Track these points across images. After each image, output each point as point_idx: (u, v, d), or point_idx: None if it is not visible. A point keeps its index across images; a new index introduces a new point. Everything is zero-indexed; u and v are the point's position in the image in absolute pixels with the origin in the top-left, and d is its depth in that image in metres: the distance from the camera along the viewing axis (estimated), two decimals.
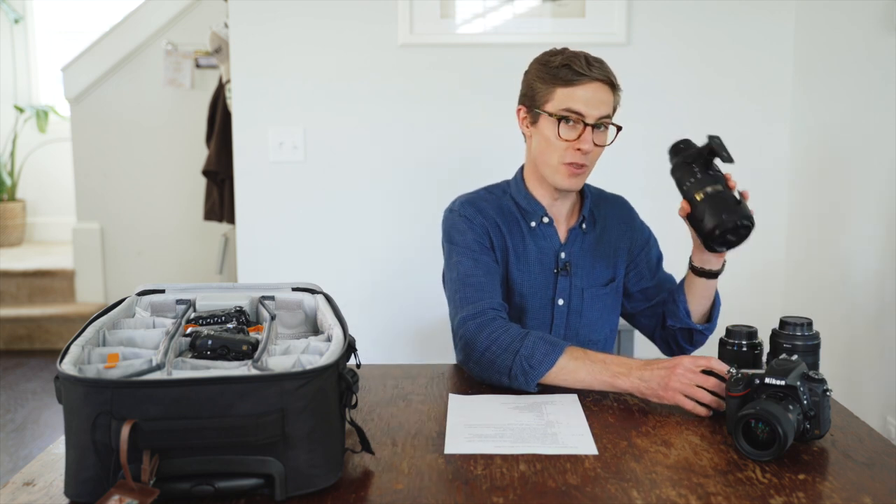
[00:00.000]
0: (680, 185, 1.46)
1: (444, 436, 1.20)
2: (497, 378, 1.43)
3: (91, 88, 4.46)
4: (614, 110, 1.60)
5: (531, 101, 1.60)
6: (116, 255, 4.61)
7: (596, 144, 1.55)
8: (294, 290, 1.38)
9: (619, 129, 1.58)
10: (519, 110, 1.64)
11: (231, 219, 3.43)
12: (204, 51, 4.29)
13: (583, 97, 1.53)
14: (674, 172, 1.48)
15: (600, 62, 1.56)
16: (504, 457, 1.13)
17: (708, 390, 1.30)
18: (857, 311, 2.21)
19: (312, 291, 1.37)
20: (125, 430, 0.90)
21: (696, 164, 1.44)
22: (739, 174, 2.61)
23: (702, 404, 1.30)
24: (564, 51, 1.58)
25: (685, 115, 2.62)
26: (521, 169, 1.69)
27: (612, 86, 1.56)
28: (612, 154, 2.66)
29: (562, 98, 1.54)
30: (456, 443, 1.17)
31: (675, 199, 1.55)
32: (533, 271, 1.64)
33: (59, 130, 5.48)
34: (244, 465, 0.96)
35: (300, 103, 2.61)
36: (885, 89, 2.10)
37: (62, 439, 1.05)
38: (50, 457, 1.12)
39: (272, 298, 1.36)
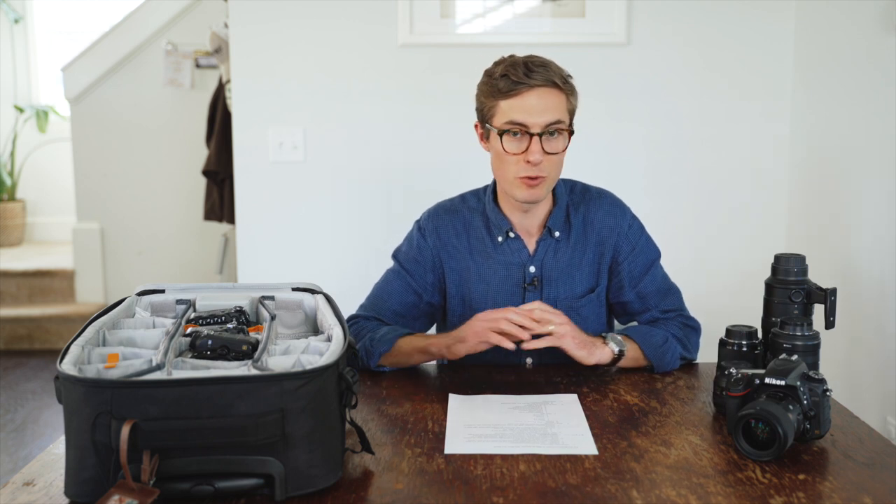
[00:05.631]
0: (768, 307, 1.45)
1: (444, 436, 1.20)
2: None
3: (91, 88, 4.46)
4: (571, 113, 1.52)
5: (482, 117, 1.56)
6: (116, 255, 4.61)
7: (547, 153, 1.47)
8: (294, 290, 1.38)
9: (571, 133, 1.51)
10: (476, 126, 1.60)
11: (231, 219, 3.43)
12: (204, 51, 4.29)
13: (524, 107, 1.46)
14: (770, 288, 1.45)
15: (544, 65, 1.48)
16: (504, 457, 1.13)
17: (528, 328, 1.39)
18: (857, 310, 2.21)
19: (312, 291, 1.37)
20: (125, 430, 0.90)
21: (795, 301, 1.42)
22: (740, 174, 2.65)
23: (518, 347, 1.40)
24: (507, 59, 1.52)
25: (685, 115, 2.62)
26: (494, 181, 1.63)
27: (561, 88, 1.48)
28: (612, 154, 2.69)
29: (505, 110, 1.48)
30: (456, 443, 1.18)
31: (675, 199, 1.52)
32: (497, 288, 1.59)
33: (59, 130, 5.47)
34: (244, 465, 0.96)
35: (300, 103, 2.61)
36: (885, 89, 2.10)
37: (62, 439, 1.05)
38: (50, 457, 1.12)
39: (272, 298, 1.36)
